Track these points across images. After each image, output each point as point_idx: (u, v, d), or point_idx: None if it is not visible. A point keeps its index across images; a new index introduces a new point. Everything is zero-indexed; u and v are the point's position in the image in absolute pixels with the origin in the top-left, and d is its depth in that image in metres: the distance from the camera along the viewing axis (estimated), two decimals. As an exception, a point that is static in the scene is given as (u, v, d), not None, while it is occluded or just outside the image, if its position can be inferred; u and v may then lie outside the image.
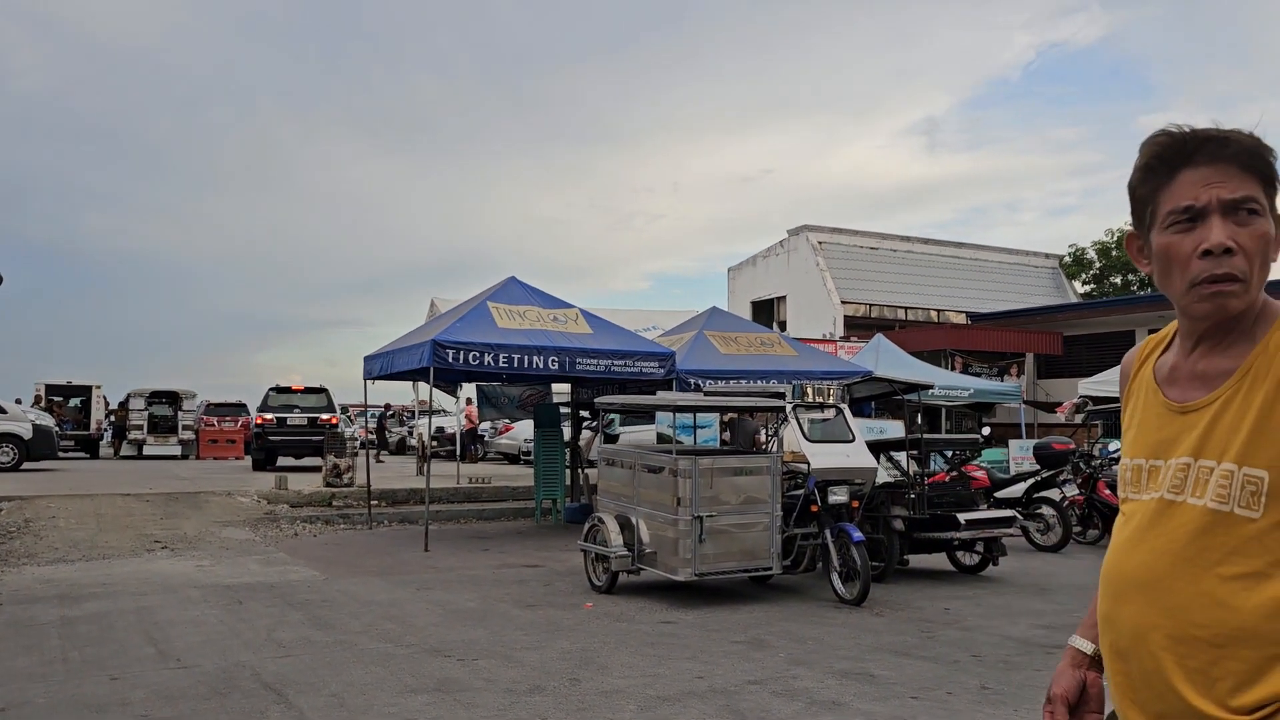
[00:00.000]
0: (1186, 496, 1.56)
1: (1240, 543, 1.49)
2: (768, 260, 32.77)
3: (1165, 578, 1.55)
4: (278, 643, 6.81)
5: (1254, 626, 1.46)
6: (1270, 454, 1.48)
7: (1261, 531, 1.48)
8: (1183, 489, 1.57)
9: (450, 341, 11.89)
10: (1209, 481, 1.53)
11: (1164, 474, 1.60)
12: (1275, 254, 1.56)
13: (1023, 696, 5.58)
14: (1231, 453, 1.51)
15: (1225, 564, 1.50)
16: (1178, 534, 1.55)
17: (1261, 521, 1.48)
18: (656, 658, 6.45)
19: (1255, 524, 1.48)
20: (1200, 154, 1.55)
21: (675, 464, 8.31)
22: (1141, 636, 1.56)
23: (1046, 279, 34.98)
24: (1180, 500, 1.57)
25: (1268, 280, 1.58)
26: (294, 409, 23.96)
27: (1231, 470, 1.50)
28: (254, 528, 13.56)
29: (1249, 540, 1.48)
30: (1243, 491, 1.49)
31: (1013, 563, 10.31)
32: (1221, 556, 1.50)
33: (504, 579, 9.64)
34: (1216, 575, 1.50)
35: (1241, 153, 1.54)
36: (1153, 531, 1.59)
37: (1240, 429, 1.51)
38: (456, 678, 5.91)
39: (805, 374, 13.38)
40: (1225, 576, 1.49)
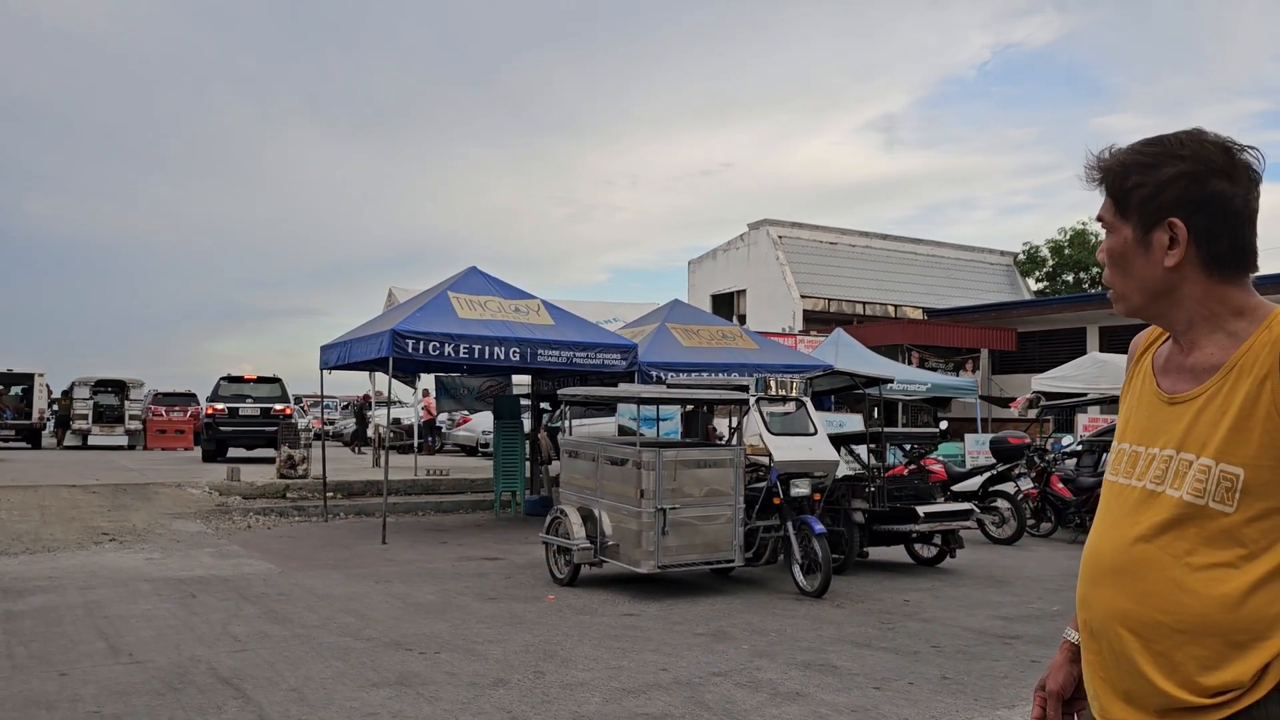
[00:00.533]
0: (1166, 487, 1.62)
1: (1212, 535, 1.55)
2: (728, 254, 32.85)
3: (1138, 564, 1.61)
4: (233, 637, 6.67)
5: (1217, 616, 1.53)
6: (1247, 451, 1.53)
7: (1233, 526, 1.53)
8: (1163, 480, 1.62)
9: (410, 331, 11.74)
10: (1187, 474, 1.59)
11: (1146, 462, 1.66)
12: (1137, 263, 1.66)
13: (982, 686, 5.62)
14: (1211, 448, 1.56)
15: (1195, 555, 1.56)
16: (1153, 523, 1.61)
17: (1234, 516, 1.53)
18: (620, 650, 6.42)
19: (1228, 518, 1.54)
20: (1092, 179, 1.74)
21: (639, 456, 8.28)
22: (1112, 619, 1.63)
23: (1001, 276, 35.45)
24: (1160, 490, 1.62)
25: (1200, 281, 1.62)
26: (246, 399, 23.55)
27: (1209, 465, 1.56)
28: (205, 520, 13.32)
29: (1220, 534, 1.54)
30: (1218, 486, 1.54)
31: (969, 555, 10.41)
32: (1193, 547, 1.56)
33: (464, 572, 9.55)
34: (1186, 565, 1.56)
35: (1097, 176, 1.70)
36: (1130, 519, 1.65)
37: (1220, 425, 1.56)
38: (418, 671, 5.83)
39: (767, 367, 13.42)
40: (1195, 566, 1.56)
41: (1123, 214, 1.67)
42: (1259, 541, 1.53)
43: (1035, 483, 12.55)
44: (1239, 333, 1.59)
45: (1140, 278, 1.67)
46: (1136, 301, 1.70)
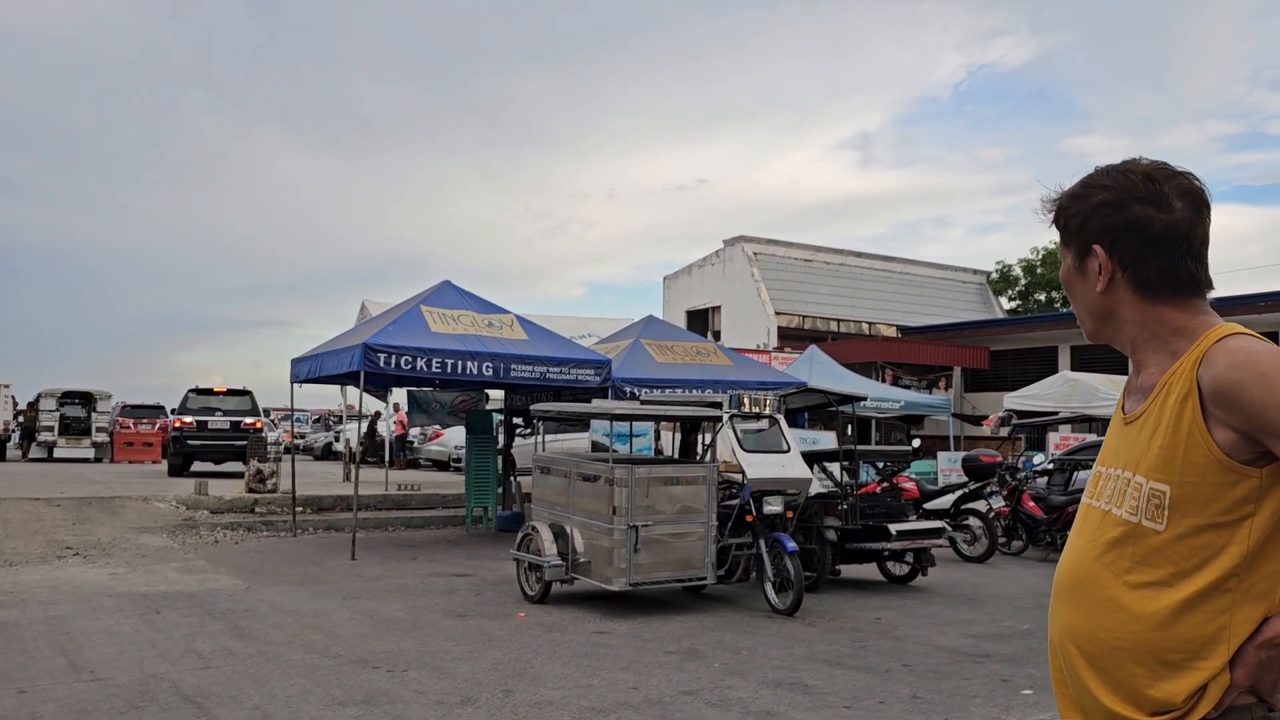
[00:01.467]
0: (1114, 506, 1.67)
1: (1146, 553, 1.59)
2: (703, 270, 32.93)
3: (1085, 582, 1.67)
4: (197, 654, 6.56)
5: (1149, 634, 1.56)
6: (1172, 469, 1.56)
7: (1164, 544, 1.57)
8: (1114, 499, 1.67)
9: (382, 345, 11.65)
10: (1127, 492, 1.64)
11: (1104, 482, 1.71)
12: (1078, 289, 1.75)
13: (953, 705, 5.62)
14: (1144, 466, 1.61)
15: (1133, 573, 1.60)
16: (1102, 541, 1.66)
17: (1165, 534, 1.57)
18: (590, 668, 6.37)
19: (1159, 536, 1.57)
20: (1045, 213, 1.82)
21: (611, 472, 8.24)
22: (1064, 635, 1.69)
23: (974, 294, 35.73)
24: (1110, 510, 1.67)
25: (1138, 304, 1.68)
26: (215, 412, 23.26)
27: (1142, 483, 1.60)
28: (172, 534, 13.13)
29: (1153, 552, 1.58)
30: (1149, 504, 1.59)
31: (941, 573, 10.44)
32: (1130, 565, 1.61)
33: (433, 588, 9.46)
34: (1125, 583, 1.61)
35: (1048, 211, 1.79)
36: (1084, 537, 1.71)
37: (1152, 444, 1.60)
38: (385, 689, 5.75)
39: (741, 384, 13.42)
40: (1131, 584, 1.60)
41: (1065, 244, 1.76)
42: (1189, 559, 1.55)
43: (1007, 501, 12.61)
44: (1178, 352, 1.62)
45: (1084, 303, 1.75)
46: (1088, 326, 1.78)
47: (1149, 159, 1.70)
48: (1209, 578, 1.53)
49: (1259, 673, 1.53)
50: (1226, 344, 1.56)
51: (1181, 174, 1.67)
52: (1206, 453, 1.53)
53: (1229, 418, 1.52)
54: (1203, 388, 1.55)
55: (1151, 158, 1.71)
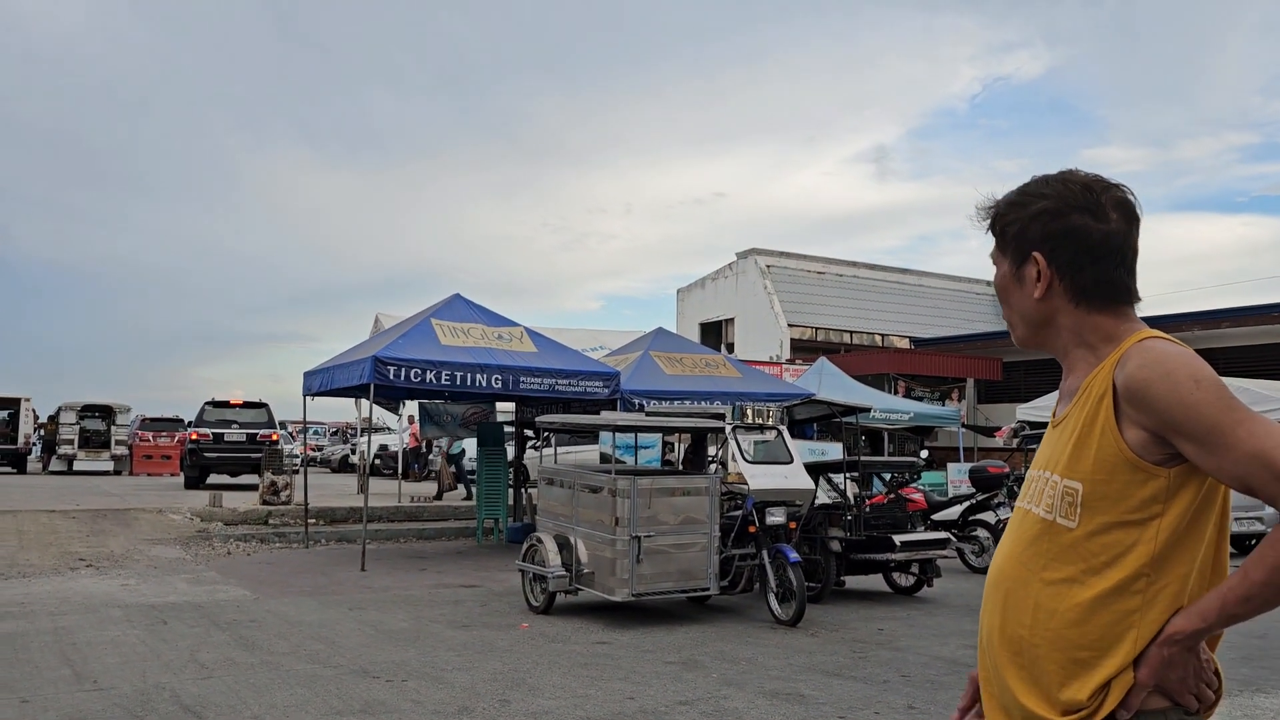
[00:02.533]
0: (1033, 505, 1.70)
1: (1059, 550, 1.62)
2: (716, 282, 32.97)
3: (1006, 580, 1.70)
4: (200, 664, 6.63)
5: (1062, 631, 1.59)
6: (1085, 466, 1.60)
7: (1076, 540, 1.60)
8: (1035, 499, 1.70)
9: (392, 358, 11.76)
10: (1044, 491, 1.67)
11: (1031, 484, 1.74)
12: (1014, 295, 1.78)
13: (947, 716, 5.58)
14: (1060, 465, 1.64)
15: (1048, 569, 1.63)
16: (1020, 540, 1.70)
17: (1077, 531, 1.60)
18: (588, 679, 6.40)
19: (1072, 533, 1.60)
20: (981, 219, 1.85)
21: (614, 484, 8.28)
22: (989, 634, 1.72)
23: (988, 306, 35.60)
24: (1029, 509, 1.71)
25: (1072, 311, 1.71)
26: (232, 424, 23.46)
27: (1057, 481, 1.64)
28: (185, 546, 13.25)
29: (1066, 548, 1.61)
30: (1062, 501, 1.62)
31: (947, 584, 10.41)
32: (1046, 563, 1.63)
33: (440, 599, 9.51)
34: (1040, 580, 1.63)
35: (983, 216, 1.81)
36: (1009, 537, 1.75)
37: (1069, 443, 1.64)
38: (383, 699, 5.80)
39: (748, 395, 13.45)
40: (1047, 581, 1.63)
41: (1001, 250, 1.78)
42: (1100, 556, 1.58)
43: (1015, 512, 12.54)
44: (1103, 356, 1.66)
45: (1020, 309, 1.78)
46: (1021, 332, 1.80)
47: (1085, 171, 1.74)
48: (1118, 575, 1.56)
49: (1163, 671, 1.54)
50: (1141, 345, 1.60)
51: (1116, 186, 1.72)
52: (1116, 451, 1.57)
53: (1139, 417, 1.55)
54: (1117, 387, 1.59)
55: (1087, 170, 1.74)
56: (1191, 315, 23.16)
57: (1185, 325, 23.06)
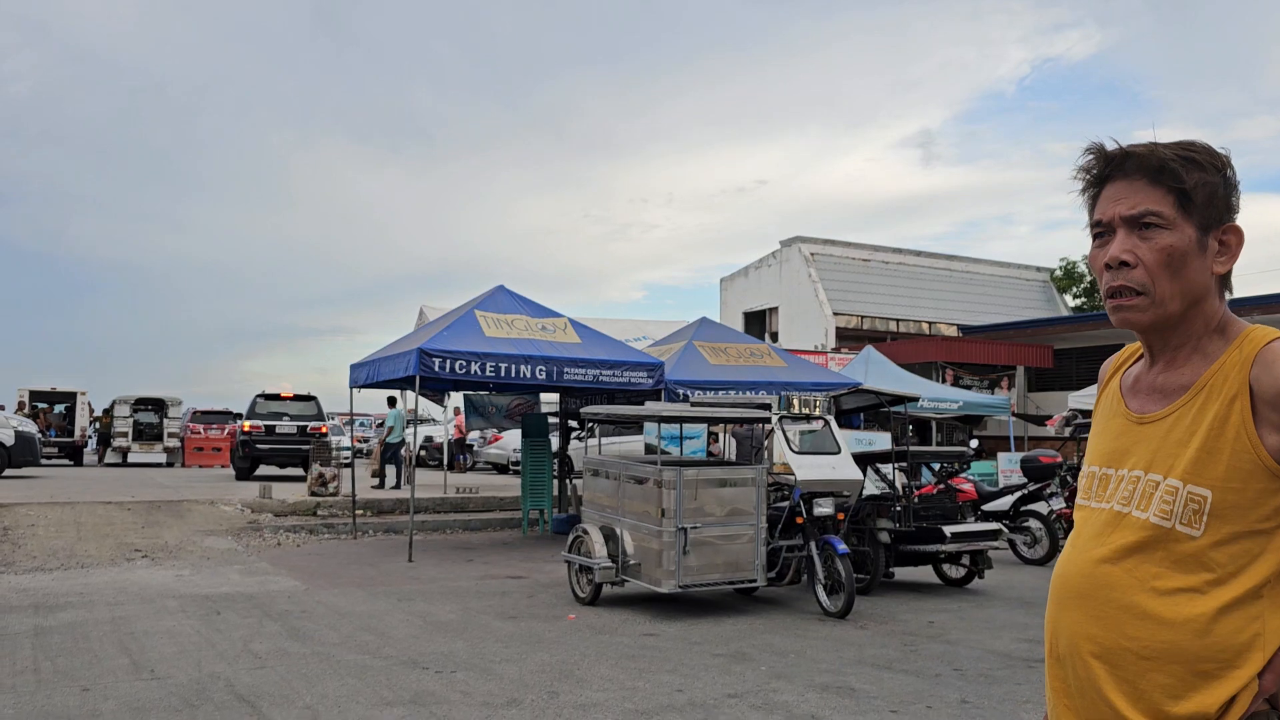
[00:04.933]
0: (1133, 509, 1.59)
1: (1178, 559, 1.52)
2: (760, 271, 32.79)
3: (1103, 588, 1.58)
4: (253, 654, 6.72)
5: (1182, 642, 1.49)
6: (1215, 473, 1.50)
7: (1200, 550, 1.50)
8: (1130, 501, 1.59)
9: (437, 350, 11.82)
10: (1154, 496, 1.56)
11: (1115, 484, 1.63)
12: (1193, 265, 1.57)
13: (1002, 711, 5.52)
14: (1179, 469, 1.53)
15: (1161, 579, 1.53)
16: (1119, 545, 1.58)
17: (1201, 540, 1.50)
18: (636, 670, 6.38)
19: (1195, 542, 1.51)
20: (1115, 170, 1.60)
21: (660, 475, 8.26)
22: (1077, 645, 1.60)
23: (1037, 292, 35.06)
24: (1127, 512, 1.59)
25: (1217, 295, 1.59)
26: (283, 417, 23.78)
27: (1176, 486, 1.53)
28: (236, 537, 13.45)
29: (1187, 558, 1.51)
30: (1185, 509, 1.51)
31: (999, 576, 10.26)
32: (1159, 571, 1.53)
33: (487, 590, 9.56)
34: (1152, 589, 1.53)
35: (1147, 167, 1.57)
36: (1097, 542, 1.62)
37: (1189, 446, 1.53)
38: (433, 690, 5.83)
39: (794, 385, 13.35)
40: (1160, 591, 1.53)
41: (1185, 211, 1.57)
42: (1226, 566, 1.49)
43: (1068, 502, 12.34)
44: (1213, 352, 1.57)
45: (1190, 282, 1.57)
46: (1174, 309, 1.58)
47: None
48: (1246, 585, 1.48)
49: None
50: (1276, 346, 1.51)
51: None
52: (1254, 457, 1.47)
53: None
54: (1256, 390, 1.49)
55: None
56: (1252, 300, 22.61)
57: (1244, 310, 22.51)
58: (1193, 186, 1.54)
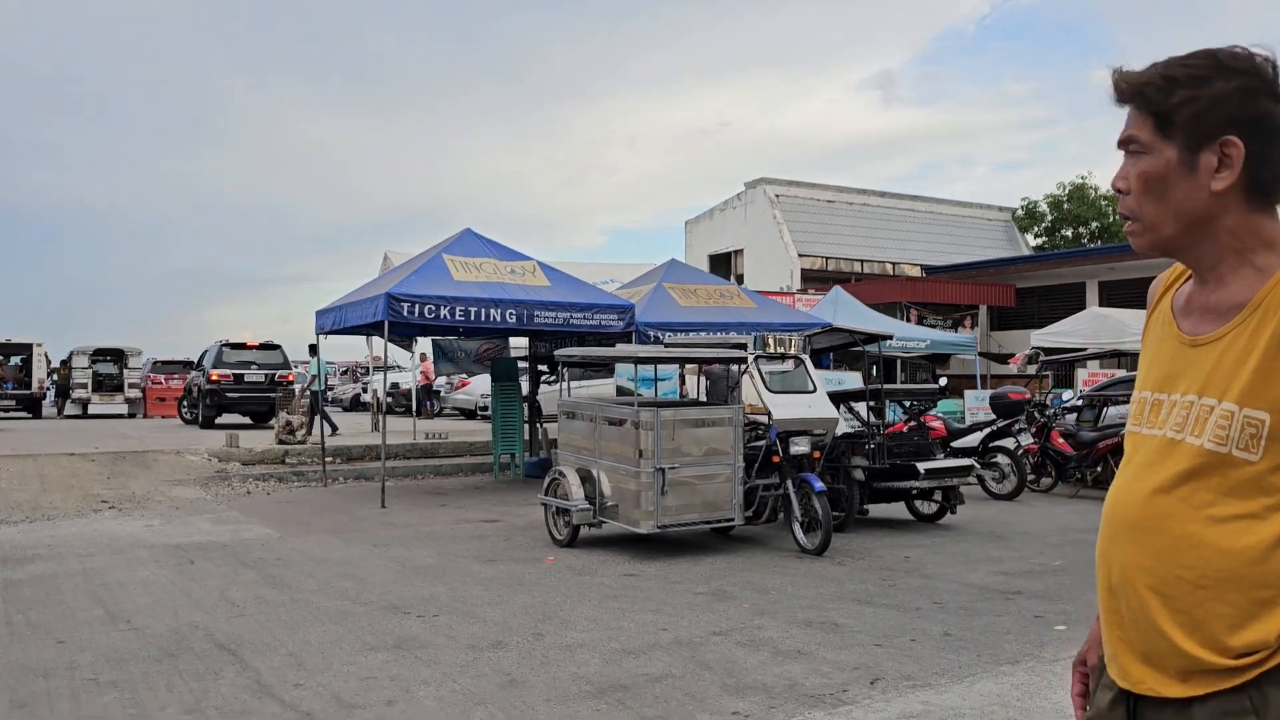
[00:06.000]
0: (1186, 435, 1.53)
1: (1235, 485, 1.46)
2: (725, 213, 32.64)
3: (1157, 517, 1.52)
4: (231, 602, 6.64)
5: (1241, 570, 1.44)
6: (1273, 395, 1.44)
7: (1258, 475, 1.45)
8: (1184, 427, 1.53)
9: (405, 294, 11.64)
10: (1209, 420, 1.50)
11: (1168, 410, 1.57)
12: (1179, 188, 1.53)
13: (985, 642, 5.60)
14: (1234, 392, 1.47)
15: (1217, 506, 1.47)
16: (1174, 473, 1.52)
17: (1260, 465, 1.45)
18: (619, 610, 6.39)
19: (1253, 467, 1.45)
20: (1118, 96, 1.59)
21: (637, 416, 8.22)
22: (1131, 576, 1.55)
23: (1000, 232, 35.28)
24: (1180, 439, 1.53)
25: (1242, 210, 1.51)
26: (251, 365, 23.51)
27: (1232, 410, 1.47)
28: (205, 486, 13.30)
29: (1244, 483, 1.46)
30: (1242, 433, 1.46)
31: (969, 511, 10.39)
32: (1214, 498, 1.48)
33: (462, 535, 9.53)
34: (1207, 517, 1.48)
35: (1131, 92, 1.55)
36: (1150, 469, 1.56)
37: (1245, 367, 1.47)
38: (416, 635, 5.80)
39: (765, 326, 13.32)
40: (1216, 519, 1.47)
41: (1164, 132, 1.53)
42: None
43: (1035, 438, 12.51)
44: (1267, 268, 1.49)
45: (1179, 204, 1.53)
46: (1168, 232, 1.56)
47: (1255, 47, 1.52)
48: None
49: None
50: None
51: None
52: None
53: None
54: None
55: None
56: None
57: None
58: (1172, 107, 1.50)
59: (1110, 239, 37.31)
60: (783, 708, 4.50)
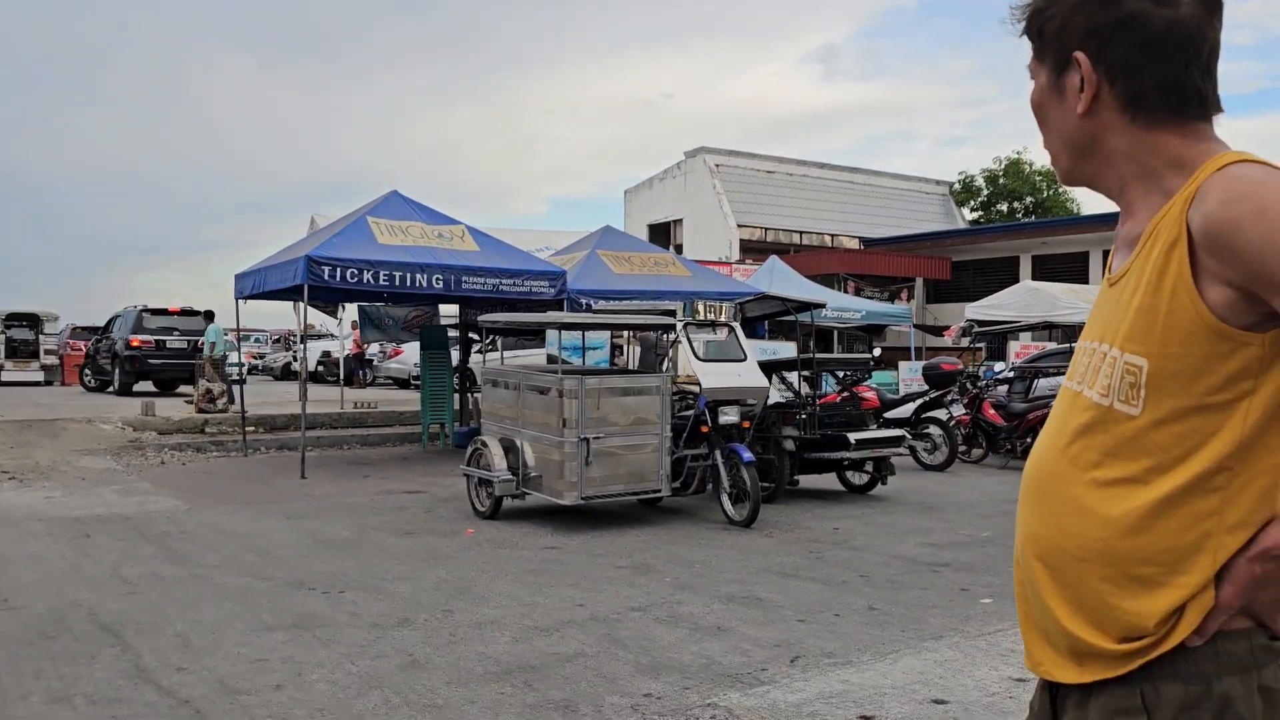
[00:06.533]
0: (1084, 387, 1.32)
1: (1119, 443, 1.25)
2: (664, 183, 32.33)
3: (1045, 478, 1.34)
4: (123, 579, 6.25)
5: (1116, 542, 1.24)
6: (1152, 338, 1.21)
7: (1139, 431, 1.23)
8: (1084, 377, 1.33)
9: (326, 258, 11.17)
10: (1100, 369, 1.29)
11: (1080, 359, 1.36)
12: (1054, 114, 1.37)
13: (909, 616, 5.45)
14: (1120, 335, 1.26)
15: (1102, 467, 1.27)
16: (1065, 429, 1.33)
17: (1141, 419, 1.23)
18: (537, 585, 6.13)
19: (1134, 422, 1.24)
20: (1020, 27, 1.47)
21: (561, 384, 7.93)
22: (1026, 545, 1.37)
23: (937, 205, 35.48)
24: (1080, 390, 1.33)
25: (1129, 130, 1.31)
26: (173, 332, 22.71)
27: (1116, 357, 1.26)
28: (116, 456, 12.74)
29: (1126, 441, 1.25)
30: (1122, 382, 1.25)
31: (900, 482, 10.30)
32: (1099, 458, 1.27)
33: (382, 506, 9.19)
34: (1091, 479, 1.28)
35: (1019, 18, 1.42)
36: (1051, 427, 1.38)
37: (1130, 308, 1.25)
38: (318, 612, 5.48)
39: (699, 294, 13.10)
40: (1100, 481, 1.27)
41: (1039, 56, 1.38)
42: (1170, 450, 1.22)
43: (967, 409, 12.49)
44: (1173, 190, 1.25)
45: (1060, 132, 1.38)
46: (1063, 162, 1.40)
47: None
48: (1192, 471, 1.20)
49: (1253, 590, 1.20)
50: (1225, 173, 1.19)
51: None
52: (1194, 314, 1.18)
53: (1223, 269, 1.16)
54: (1192, 231, 1.19)
55: None
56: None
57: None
58: (1043, 24, 1.36)
59: (1044, 214, 37.77)
60: (697, 689, 4.28)
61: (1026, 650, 1.39)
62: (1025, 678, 4.36)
